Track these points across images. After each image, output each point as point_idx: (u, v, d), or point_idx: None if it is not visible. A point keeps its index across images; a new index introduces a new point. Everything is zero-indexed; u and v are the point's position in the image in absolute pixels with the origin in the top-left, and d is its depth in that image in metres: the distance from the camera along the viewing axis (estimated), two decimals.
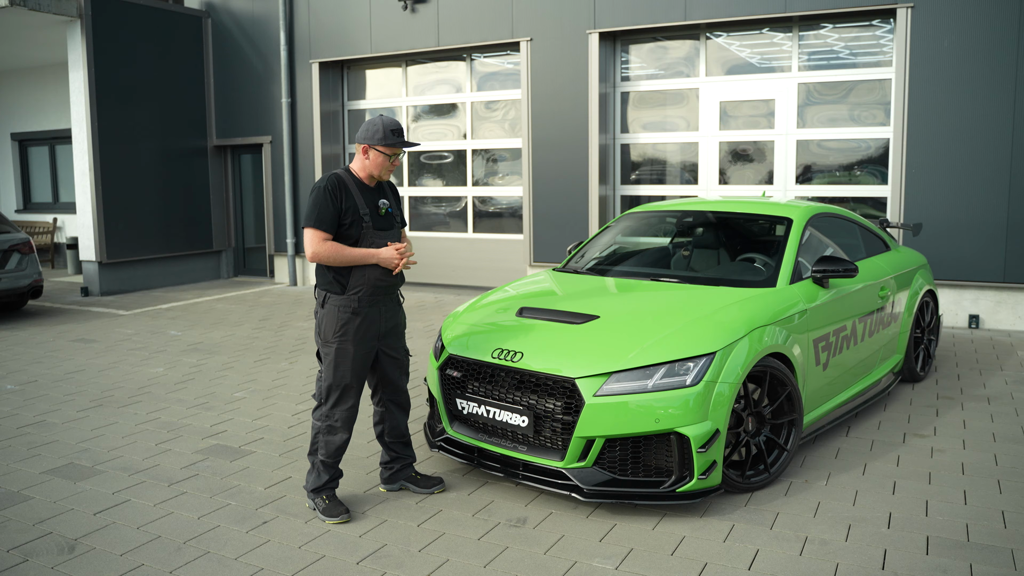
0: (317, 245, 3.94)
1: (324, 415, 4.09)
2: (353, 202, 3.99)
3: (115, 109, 11.46)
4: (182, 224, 12.55)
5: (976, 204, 8.19)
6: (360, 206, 4.00)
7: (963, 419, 5.48)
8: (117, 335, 8.78)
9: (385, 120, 4.04)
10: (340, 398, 4.06)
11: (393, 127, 4.02)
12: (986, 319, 8.38)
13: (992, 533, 3.81)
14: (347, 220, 3.97)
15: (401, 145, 4.04)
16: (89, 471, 4.79)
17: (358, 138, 4.06)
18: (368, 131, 4.03)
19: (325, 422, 4.08)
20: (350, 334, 4.00)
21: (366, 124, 4.07)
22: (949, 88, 8.20)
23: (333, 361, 4.02)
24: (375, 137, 4.01)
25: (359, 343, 4.03)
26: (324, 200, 3.94)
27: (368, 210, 4.03)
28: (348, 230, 3.98)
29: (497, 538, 3.84)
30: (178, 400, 6.24)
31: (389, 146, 4.02)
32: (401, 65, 11.82)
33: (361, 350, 4.04)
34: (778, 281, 4.84)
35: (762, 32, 9.39)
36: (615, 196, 10.45)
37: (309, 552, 3.73)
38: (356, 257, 3.97)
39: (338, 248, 3.95)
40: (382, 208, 4.10)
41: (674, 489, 3.95)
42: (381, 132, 4.01)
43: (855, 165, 9.14)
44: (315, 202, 3.96)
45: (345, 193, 3.99)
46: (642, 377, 3.98)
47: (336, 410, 4.07)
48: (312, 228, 3.95)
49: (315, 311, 4.14)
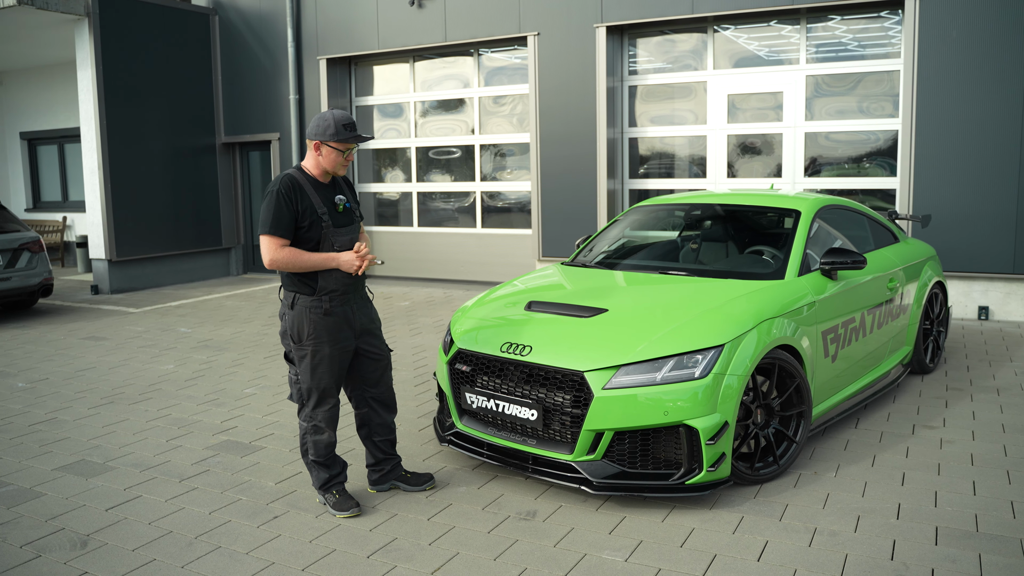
0: (274, 252, 3.83)
1: (308, 416, 4.05)
2: (309, 203, 3.87)
3: (123, 107, 11.51)
4: (191, 221, 12.60)
5: (985, 195, 8.15)
6: (317, 206, 3.89)
7: (972, 410, 5.46)
8: (127, 332, 8.83)
9: (336, 114, 3.93)
10: (321, 399, 4.01)
11: (344, 121, 3.90)
12: (996, 310, 8.34)
13: (1001, 523, 3.80)
14: (305, 222, 3.86)
15: (354, 140, 3.92)
16: (101, 467, 4.82)
17: (309, 134, 3.94)
18: (319, 127, 3.90)
19: (310, 423, 4.05)
20: (324, 335, 3.93)
21: (317, 119, 3.93)
22: (958, 79, 8.15)
23: (310, 364, 3.95)
24: (327, 133, 3.88)
25: (334, 343, 3.96)
26: (279, 204, 3.81)
27: (326, 208, 3.92)
28: (307, 232, 3.88)
29: (507, 531, 3.86)
30: (188, 397, 6.28)
31: (341, 141, 3.90)
32: (408, 61, 11.82)
33: (337, 350, 3.97)
34: (787, 273, 4.83)
35: (770, 24, 9.35)
36: (623, 190, 10.44)
37: (320, 546, 3.75)
38: (316, 263, 3.87)
39: (296, 254, 3.85)
40: (339, 204, 3.99)
41: (683, 481, 3.95)
42: (333, 127, 3.89)
43: (864, 157, 9.10)
44: (269, 207, 3.82)
45: (300, 194, 3.86)
46: (651, 370, 3.98)
47: (318, 411, 4.02)
48: (268, 235, 3.82)
49: (281, 313, 4.05)
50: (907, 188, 8.49)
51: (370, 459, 4.34)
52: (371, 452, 4.31)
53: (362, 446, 4.92)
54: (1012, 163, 8.01)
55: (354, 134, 3.94)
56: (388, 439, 4.31)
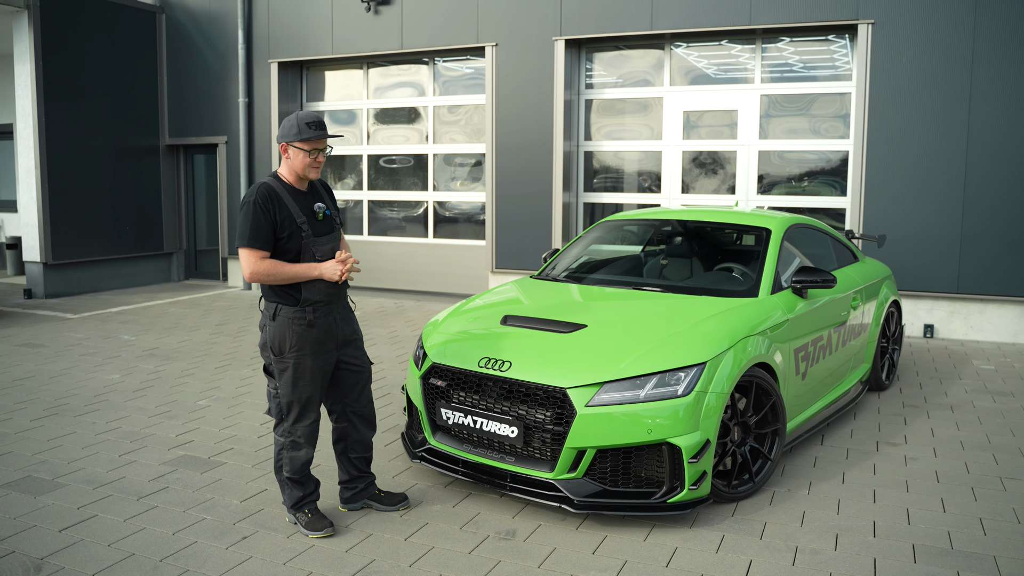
0: (255, 265, 3.68)
1: (286, 431, 3.90)
2: (288, 212, 3.73)
3: (63, 104, 11.04)
4: (132, 225, 12.15)
5: (932, 217, 8.41)
6: (296, 215, 3.75)
7: (930, 427, 5.59)
8: (67, 339, 8.44)
9: (300, 114, 3.79)
10: (302, 414, 3.87)
11: (309, 119, 3.75)
12: (940, 328, 8.61)
13: (973, 540, 3.88)
14: (284, 233, 3.72)
15: (320, 137, 3.75)
16: (49, 484, 4.56)
17: (277, 138, 3.82)
18: (284, 128, 3.77)
19: (288, 438, 3.91)
20: (307, 347, 3.79)
21: (284, 122, 3.80)
22: (907, 103, 8.41)
23: (291, 377, 3.81)
24: (291, 133, 3.74)
25: (317, 356, 3.83)
26: (256, 215, 3.66)
27: (305, 217, 3.78)
28: (287, 243, 3.74)
29: (488, 552, 3.77)
30: (138, 408, 6.01)
31: (307, 140, 3.73)
32: (362, 67, 11.65)
33: (320, 363, 3.84)
34: (760, 291, 4.87)
35: (726, 44, 9.51)
36: (578, 203, 10.46)
37: (295, 569, 3.60)
38: (297, 273, 3.73)
39: (277, 266, 3.71)
40: (319, 212, 3.85)
41: (665, 500, 3.93)
42: (296, 127, 3.74)
43: (815, 176, 9.30)
44: (246, 218, 3.67)
45: (278, 203, 3.71)
46: (634, 387, 3.95)
47: (298, 426, 3.88)
48: (247, 248, 3.67)
49: (262, 324, 3.89)
50: (857, 208, 8.70)
51: (344, 476, 4.20)
52: (345, 469, 4.17)
53: (330, 463, 4.78)
54: (957, 187, 8.29)
55: (320, 132, 3.76)
56: (364, 456, 4.17)
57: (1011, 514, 4.18)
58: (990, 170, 8.17)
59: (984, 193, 8.20)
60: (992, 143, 8.13)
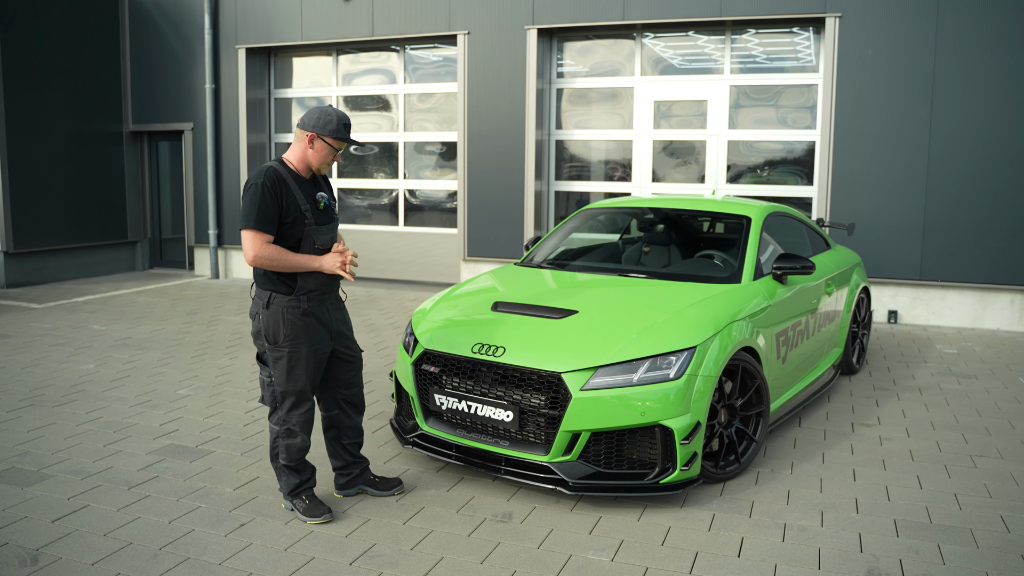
0: (259, 249, 3.67)
1: (281, 419, 3.92)
2: (293, 198, 3.74)
3: (22, 89, 10.76)
4: (95, 212, 11.91)
5: (895, 206, 8.65)
6: (300, 201, 3.76)
7: (901, 409, 5.79)
8: (34, 330, 8.28)
9: (339, 112, 3.83)
10: (296, 402, 3.89)
11: (345, 121, 3.83)
12: (904, 314, 8.87)
13: (950, 515, 4.05)
14: (288, 218, 3.73)
15: (350, 142, 3.88)
16: (35, 475, 4.51)
17: (307, 126, 3.80)
18: (320, 120, 3.78)
19: (283, 426, 3.92)
20: (302, 336, 3.81)
21: (318, 112, 3.81)
22: (873, 95, 8.62)
23: (286, 366, 3.82)
24: (327, 127, 3.78)
25: (311, 344, 3.84)
26: (264, 198, 3.65)
27: (308, 205, 3.81)
28: (290, 229, 3.75)
29: (487, 534, 3.83)
30: (118, 398, 5.94)
31: (339, 139, 3.82)
32: (332, 54, 11.56)
33: (314, 351, 3.86)
34: (743, 277, 5.00)
35: (696, 35, 9.63)
36: (549, 192, 10.54)
37: (297, 554, 3.63)
38: (299, 264, 3.74)
39: (280, 253, 3.70)
40: (320, 202, 3.87)
41: (658, 481, 4.03)
42: (335, 123, 3.79)
43: (783, 166, 9.50)
44: (253, 200, 3.66)
45: (284, 188, 3.72)
46: (627, 371, 4.03)
47: (292, 414, 3.89)
48: (253, 230, 3.66)
49: (253, 312, 3.88)
50: (824, 197, 8.91)
51: (338, 463, 4.22)
52: (339, 455, 4.20)
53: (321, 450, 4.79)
54: (919, 177, 8.54)
55: (350, 137, 3.85)
56: (356, 442, 4.20)
57: (983, 490, 4.37)
58: (951, 161, 8.43)
59: (945, 183, 8.46)
60: (953, 135, 8.39)
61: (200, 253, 12.24)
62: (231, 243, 11.89)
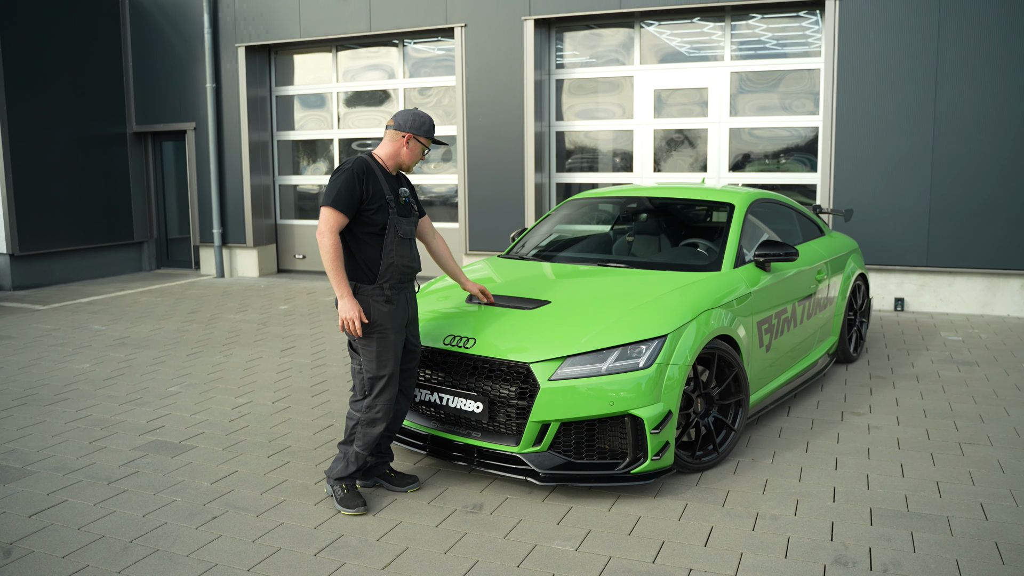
0: (332, 224, 3.82)
1: (367, 406, 4.00)
2: (379, 188, 3.95)
3: (25, 93, 10.89)
4: (101, 214, 12.04)
5: (900, 191, 8.51)
6: (386, 192, 3.97)
7: (895, 397, 5.70)
8: (36, 331, 8.38)
9: (427, 116, 4.11)
10: (385, 388, 3.99)
11: (433, 122, 4.14)
12: (910, 302, 8.73)
13: (929, 503, 3.97)
14: (374, 205, 3.91)
15: (438, 142, 4.24)
16: (19, 472, 4.56)
17: (403, 127, 4.03)
18: (416, 121, 4.05)
19: (367, 414, 4.00)
20: (388, 322, 3.95)
21: (412, 115, 4.06)
22: (875, 79, 8.49)
23: (376, 352, 3.94)
24: (422, 128, 4.06)
25: (397, 331, 3.99)
26: (351, 183, 3.87)
27: (392, 196, 4.01)
28: (375, 215, 3.92)
29: (455, 524, 3.82)
30: (109, 396, 6.00)
31: (432, 140, 4.12)
32: (331, 50, 11.58)
33: (399, 338, 4.01)
34: (723, 265, 4.93)
35: (695, 21, 9.54)
36: (551, 184, 10.49)
37: (264, 546, 3.64)
38: (335, 277, 3.84)
39: (337, 249, 3.83)
40: (402, 197, 4.08)
41: (629, 471, 3.99)
42: (428, 125, 4.08)
43: (786, 153, 9.38)
44: (340, 183, 3.87)
45: (371, 177, 3.94)
46: (596, 361, 4.00)
47: (379, 400, 3.99)
48: (331, 208, 3.84)
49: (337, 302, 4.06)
50: (828, 183, 8.79)
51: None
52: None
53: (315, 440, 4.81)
54: (925, 161, 8.39)
55: (436, 137, 4.24)
56: (393, 434, 4.24)
57: (967, 477, 4.28)
58: (956, 145, 8.27)
59: (951, 168, 8.31)
60: (958, 118, 8.23)
61: (205, 252, 12.33)
62: (235, 242, 11.97)
